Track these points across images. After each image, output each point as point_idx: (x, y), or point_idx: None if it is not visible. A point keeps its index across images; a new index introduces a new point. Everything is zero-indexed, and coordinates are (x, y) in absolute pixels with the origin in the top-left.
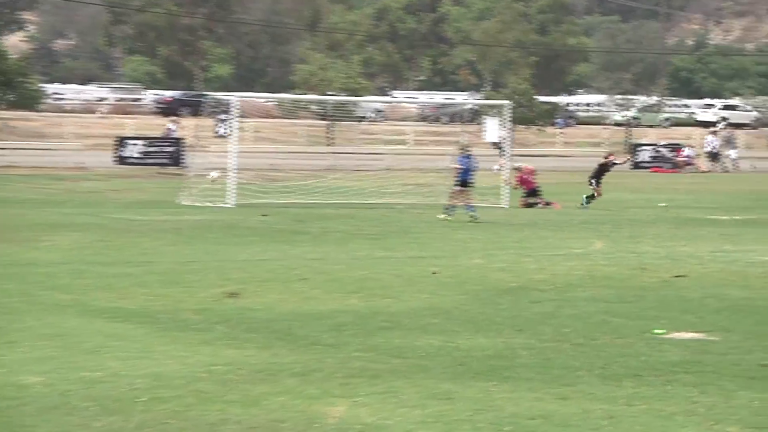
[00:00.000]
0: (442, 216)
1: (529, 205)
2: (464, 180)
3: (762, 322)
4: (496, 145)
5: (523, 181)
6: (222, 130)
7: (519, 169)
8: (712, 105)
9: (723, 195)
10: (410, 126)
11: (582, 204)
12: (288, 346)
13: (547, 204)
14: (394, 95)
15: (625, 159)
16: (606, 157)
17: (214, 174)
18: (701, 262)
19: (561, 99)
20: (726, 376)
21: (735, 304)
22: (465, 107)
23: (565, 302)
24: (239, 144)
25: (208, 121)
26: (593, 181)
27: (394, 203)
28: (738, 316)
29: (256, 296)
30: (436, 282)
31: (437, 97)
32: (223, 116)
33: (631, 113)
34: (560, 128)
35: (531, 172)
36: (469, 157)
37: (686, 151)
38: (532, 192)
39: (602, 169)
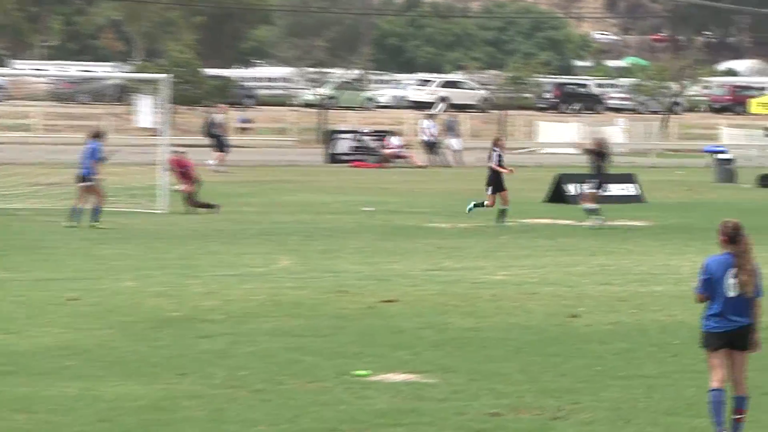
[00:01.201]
0: (70, 223)
1: (200, 206)
2: (85, 174)
3: (491, 358)
4: (153, 131)
5: (182, 174)
6: None
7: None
8: (429, 81)
9: (443, 196)
10: (38, 107)
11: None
12: None
13: (209, 206)
14: (16, 66)
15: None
16: (495, 143)
17: None
18: (415, 282)
19: (235, 72)
20: (448, 429)
21: (458, 337)
22: (110, 82)
23: (242, 337)
24: None
25: None
26: (488, 188)
27: (16, 209)
28: (462, 351)
29: None
30: (72, 312)
31: (73, 69)
32: None
33: (325, 91)
34: (242, 124)
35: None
36: (96, 144)
37: (394, 141)
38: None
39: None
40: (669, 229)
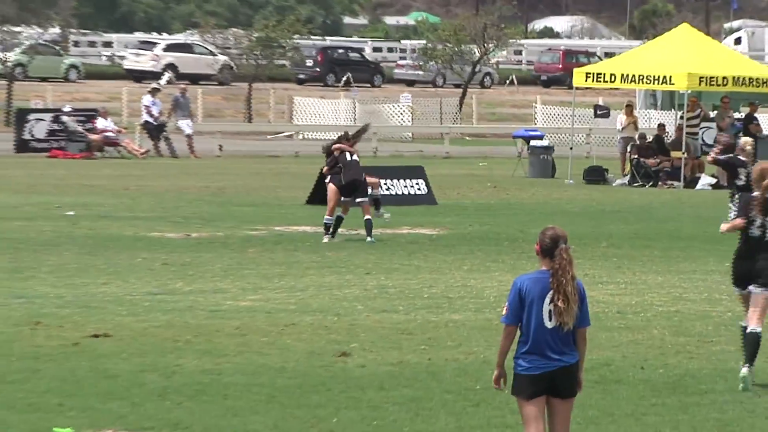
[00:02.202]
0: None
1: None
2: None
3: (235, 410)
4: None
5: None
6: None
7: None
8: (151, 44)
9: (171, 196)
10: None
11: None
12: None
13: None
14: None
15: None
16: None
17: None
18: (134, 311)
19: None
20: None
21: (191, 383)
22: None
23: None
24: None
25: None
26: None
27: None
28: (196, 402)
29: None
30: None
31: None
32: None
33: (13, 57)
34: None
35: None
36: None
37: (104, 123)
38: None
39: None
40: (468, 240)
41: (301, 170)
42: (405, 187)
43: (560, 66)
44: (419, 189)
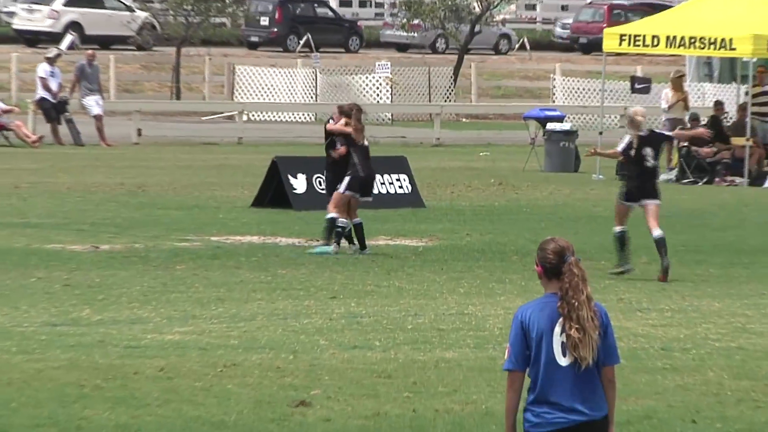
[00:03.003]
0: None
1: None
2: None
3: None
4: None
5: None
6: None
7: None
8: None
9: (74, 197)
10: None
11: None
12: None
13: None
14: None
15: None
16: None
17: None
18: (26, 347)
19: None
20: None
21: None
22: None
23: None
24: None
25: None
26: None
27: None
28: None
29: None
30: None
31: None
32: None
33: None
34: None
35: None
36: None
37: None
38: None
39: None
40: (466, 253)
41: (246, 162)
42: (383, 184)
43: (605, 25)
44: (401, 187)
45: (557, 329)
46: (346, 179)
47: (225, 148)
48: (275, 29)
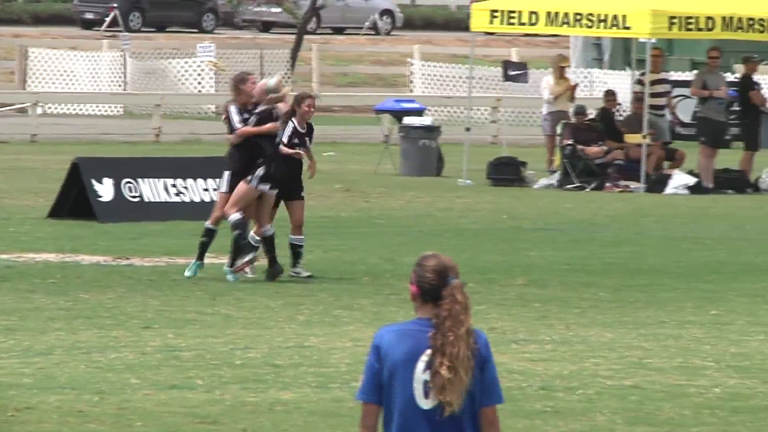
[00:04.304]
0: None
1: None
2: None
3: None
4: None
5: None
6: None
7: None
8: None
9: None
10: None
11: None
12: None
13: None
14: None
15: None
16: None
17: None
18: None
19: None
20: None
21: None
22: None
23: None
24: None
25: None
26: None
27: None
28: None
29: None
30: None
31: None
32: None
33: None
34: None
35: None
36: None
37: None
38: None
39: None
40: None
41: (41, 164)
42: (206, 190)
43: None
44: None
45: (420, 365)
46: (260, 170)
47: (16, 148)
48: (114, 4)
